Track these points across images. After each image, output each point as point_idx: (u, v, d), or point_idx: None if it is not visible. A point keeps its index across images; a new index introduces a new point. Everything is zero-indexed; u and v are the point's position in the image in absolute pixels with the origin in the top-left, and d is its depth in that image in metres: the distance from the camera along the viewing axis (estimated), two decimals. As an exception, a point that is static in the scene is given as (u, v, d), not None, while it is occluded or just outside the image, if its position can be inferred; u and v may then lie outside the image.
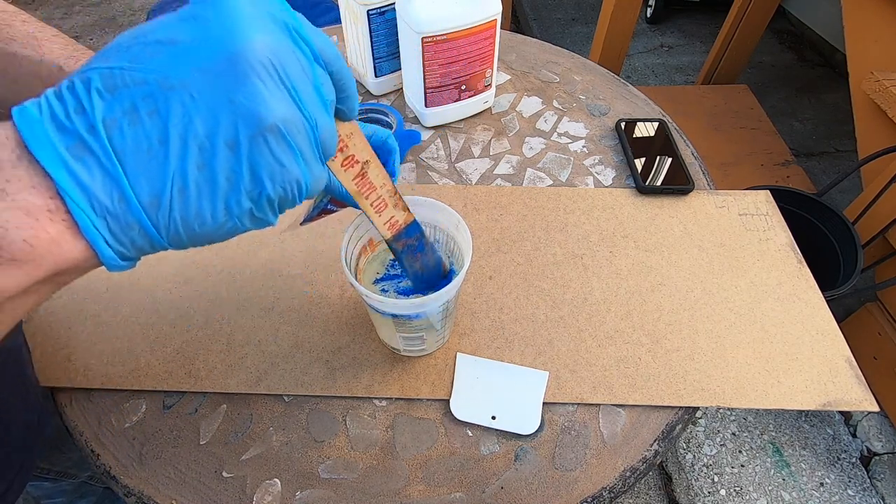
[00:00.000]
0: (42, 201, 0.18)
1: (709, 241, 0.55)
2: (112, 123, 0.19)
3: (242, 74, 0.19)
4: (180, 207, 0.20)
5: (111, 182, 0.19)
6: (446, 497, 0.40)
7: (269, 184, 0.21)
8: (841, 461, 1.09)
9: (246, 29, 0.19)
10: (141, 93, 0.19)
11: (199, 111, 0.19)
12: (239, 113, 0.20)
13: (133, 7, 2.46)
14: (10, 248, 0.18)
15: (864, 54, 1.06)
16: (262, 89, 0.20)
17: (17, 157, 0.18)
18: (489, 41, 0.60)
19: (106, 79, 0.19)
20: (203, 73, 0.19)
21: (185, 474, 0.41)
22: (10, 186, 0.18)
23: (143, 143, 0.19)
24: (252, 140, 0.20)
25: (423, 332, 0.41)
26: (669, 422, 0.43)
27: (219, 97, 0.19)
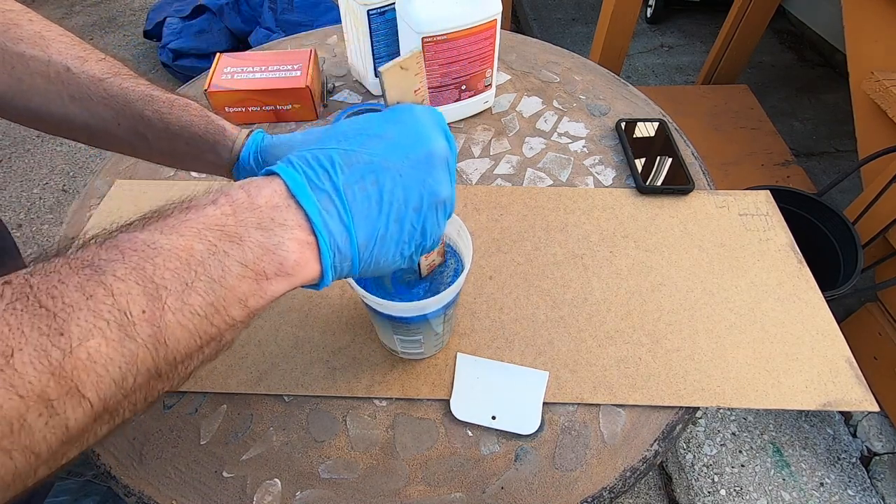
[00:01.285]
0: (304, 236, 0.26)
1: (709, 241, 0.55)
2: (348, 187, 0.27)
3: (433, 166, 0.29)
4: (378, 248, 0.28)
5: (344, 228, 0.27)
6: (446, 497, 0.40)
7: (428, 237, 0.30)
8: (841, 461, 1.09)
9: (432, 134, 0.30)
10: (368, 169, 0.28)
11: (403, 185, 0.28)
12: (427, 190, 0.29)
13: (133, 7, 2.46)
14: (286, 265, 0.25)
15: (864, 54, 1.06)
16: (441, 177, 0.30)
17: (288, 205, 0.26)
18: (489, 41, 0.60)
19: (344, 157, 0.28)
20: (409, 160, 0.28)
21: (185, 474, 0.41)
22: (288, 223, 0.26)
23: (366, 202, 0.27)
24: (429, 208, 0.29)
25: (421, 335, 0.41)
26: (669, 422, 0.43)
27: (417, 178, 0.29)
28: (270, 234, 0.25)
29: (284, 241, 0.25)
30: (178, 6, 1.92)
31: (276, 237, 0.25)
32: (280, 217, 0.25)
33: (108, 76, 0.37)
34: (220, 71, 0.69)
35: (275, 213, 0.25)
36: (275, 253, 0.25)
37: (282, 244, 0.25)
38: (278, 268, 0.25)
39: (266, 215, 0.25)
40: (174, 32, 1.87)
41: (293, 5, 1.82)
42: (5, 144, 1.81)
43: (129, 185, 0.61)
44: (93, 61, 0.37)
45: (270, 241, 0.25)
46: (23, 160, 1.77)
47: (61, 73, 0.36)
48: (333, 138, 0.29)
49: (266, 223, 0.25)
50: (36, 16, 0.38)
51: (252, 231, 0.25)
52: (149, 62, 2.13)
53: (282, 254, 0.25)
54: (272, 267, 0.25)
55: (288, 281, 0.26)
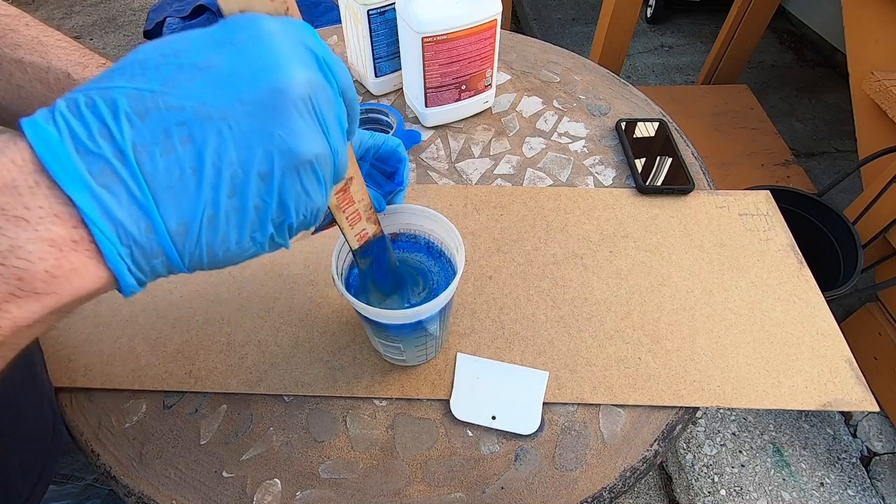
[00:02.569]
0: (65, 231, 0.18)
1: (709, 241, 0.55)
2: (143, 150, 0.18)
3: (284, 110, 0.20)
4: (208, 235, 0.20)
5: (140, 211, 0.19)
6: (446, 497, 0.40)
7: (293, 212, 0.22)
8: (841, 461, 1.09)
9: (286, 62, 0.20)
10: (175, 119, 0.19)
11: (235, 141, 0.19)
12: (276, 147, 0.20)
13: (133, 7, 2.46)
14: (32, 281, 0.17)
15: (865, 54, 1.06)
16: (301, 126, 0.20)
17: (36, 182, 0.17)
18: (489, 41, 0.60)
19: (135, 101, 0.18)
20: (243, 105, 0.19)
21: (185, 474, 0.41)
22: (31, 215, 0.17)
23: (175, 170, 0.19)
24: (285, 172, 0.20)
25: (401, 343, 0.41)
26: (669, 422, 0.43)
27: (258, 130, 0.19)
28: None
29: (22, 243, 0.17)
30: (178, 6, 1.92)
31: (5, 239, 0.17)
32: (16, 205, 0.17)
33: None
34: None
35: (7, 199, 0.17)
36: (4, 264, 0.17)
37: (16, 249, 0.17)
38: (15, 286, 0.17)
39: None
40: (174, 32, 1.87)
41: (293, 5, 1.82)
42: (5, 144, 1.81)
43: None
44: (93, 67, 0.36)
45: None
46: (23, 160, 1.77)
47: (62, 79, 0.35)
48: (125, 71, 0.19)
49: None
50: (33, 20, 0.37)
51: None
52: (149, 62, 2.13)
53: (17, 264, 0.17)
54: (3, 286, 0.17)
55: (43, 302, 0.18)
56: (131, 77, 0.19)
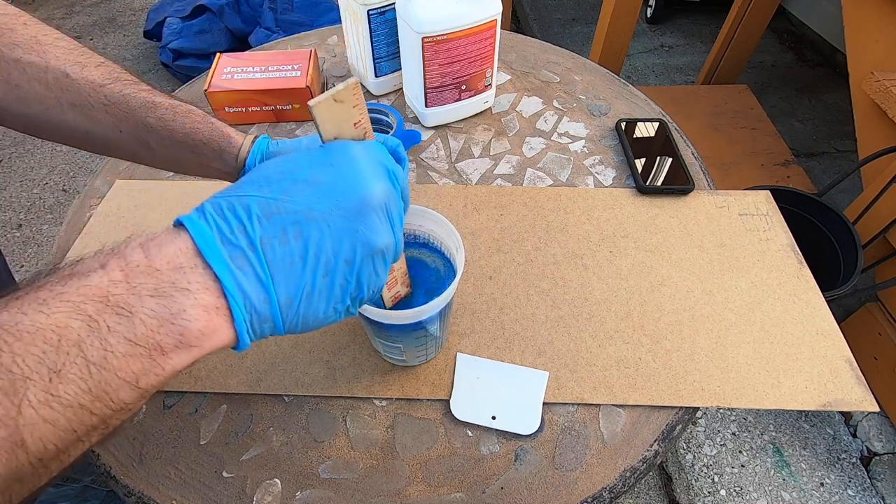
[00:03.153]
0: (212, 300, 0.23)
1: (709, 241, 0.55)
2: (267, 242, 0.24)
3: (367, 214, 0.26)
4: (304, 307, 0.26)
5: (262, 287, 0.24)
6: (446, 497, 0.40)
7: (366, 289, 0.28)
8: (841, 461, 1.09)
9: (369, 179, 0.27)
10: (291, 220, 0.25)
11: (331, 237, 0.26)
12: (359, 240, 0.26)
13: (133, 7, 2.46)
14: (189, 336, 0.23)
15: (865, 54, 1.06)
16: (377, 225, 0.27)
17: (194, 265, 0.23)
18: (489, 41, 0.60)
19: (263, 206, 0.25)
20: (339, 210, 0.26)
21: (185, 474, 0.41)
22: (192, 287, 0.23)
23: (288, 258, 0.25)
24: (364, 259, 0.27)
25: (400, 343, 0.41)
26: (669, 422, 0.43)
27: (348, 228, 0.26)
28: (169, 301, 0.22)
29: (186, 308, 0.22)
30: (178, 6, 1.92)
31: (175, 304, 0.22)
32: (183, 280, 0.23)
33: (108, 82, 0.36)
34: (221, 71, 0.69)
35: (177, 276, 0.23)
36: (173, 323, 0.22)
37: (182, 312, 0.22)
38: (178, 340, 0.22)
39: (166, 279, 0.22)
40: (174, 32, 1.87)
41: (293, 5, 1.82)
42: (5, 144, 1.81)
43: (129, 185, 0.61)
44: (92, 66, 0.37)
45: (168, 310, 0.22)
46: (23, 160, 1.77)
47: (60, 78, 0.35)
48: (254, 184, 0.26)
49: (165, 289, 0.22)
50: (31, 19, 0.37)
51: (146, 300, 0.22)
52: (149, 62, 2.13)
53: (182, 323, 0.22)
54: (170, 339, 0.22)
55: (192, 353, 0.23)
56: (259, 188, 0.25)
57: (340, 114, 0.28)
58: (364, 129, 0.29)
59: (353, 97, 0.28)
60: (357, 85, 0.28)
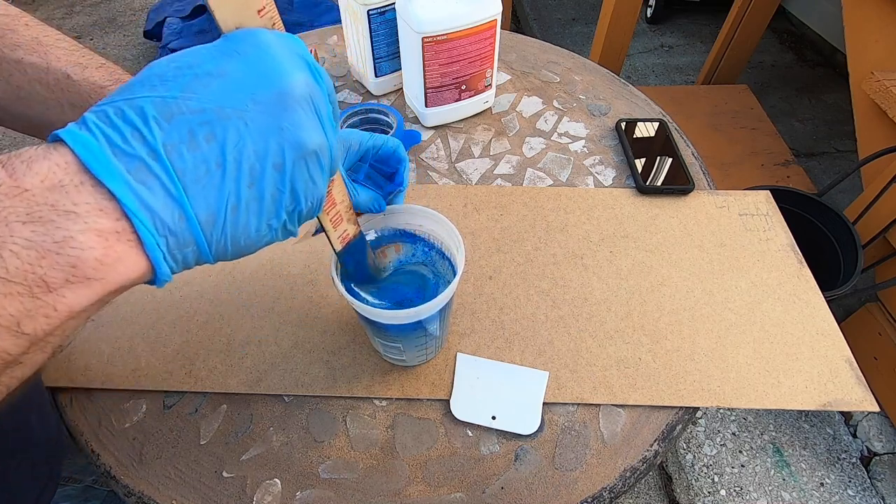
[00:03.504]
0: (110, 223, 0.20)
1: (709, 241, 0.55)
2: (172, 148, 0.20)
3: (290, 107, 0.22)
4: (232, 224, 0.22)
5: (174, 203, 0.21)
6: (446, 497, 0.40)
7: (303, 200, 0.24)
8: (841, 461, 1.09)
9: (288, 67, 0.23)
10: (198, 120, 0.21)
11: (252, 137, 0.22)
12: (286, 139, 0.22)
13: (133, 7, 2.46)
14: (83, 268, 0.19)
15: (865, 54, 1.06)
16: (305, 120, 0.23)
17: (81, 182, 0.19)
18: (489, 41, 0.60)
19: (160, 107, 0.20)
20: (256, 104, 0.22)
21: (185, 474, 0.41)
22: (79, 209, 0.19)
23: (202, 166, 0.21)
24: (295, 162, 0.23)
25: (400, 343, 0.41)
26: (669, 422, 0.43)
27: (270, 126, 0.22)
28: (50, 228, 0.19)
29: (73, 234, 0.19)
30: (178, 6, 1.92)
31: (59, 231, 0.19)
32: (65, 201, 0.19)
33: (109, 84, 0.36)
34: (220, 71, 0.68)
35: (57, 197, 0.19)
36: (59, 253, 0.19)
37: (69, 240, 0.19)
38: (70, 273, 0.19)
39: (42, 201, 0.19)
40: (174, 32, 1.87)
41: (293, 5, 1.82)
42: (5, 144, 1.81)
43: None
44: (93, 68, 0.37)
45: (50, 238, 0.18)
46: (23, 160, 1.77)
47: (61, 80, 0.35)
48: (145, 84, 0.21)
49: (42, 212, 0.19)
50: (32, 20, 0.37)
51: (16, 227, 0.18)
52: (149, 62, 2.13)
53: (71, 252, 0.19)
54: (58, 273, 0.19)
55: (94, 288, 0.20)
56: (152, 88, 0.21)
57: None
58: (272, 19, 0.25)
59: None
60: None
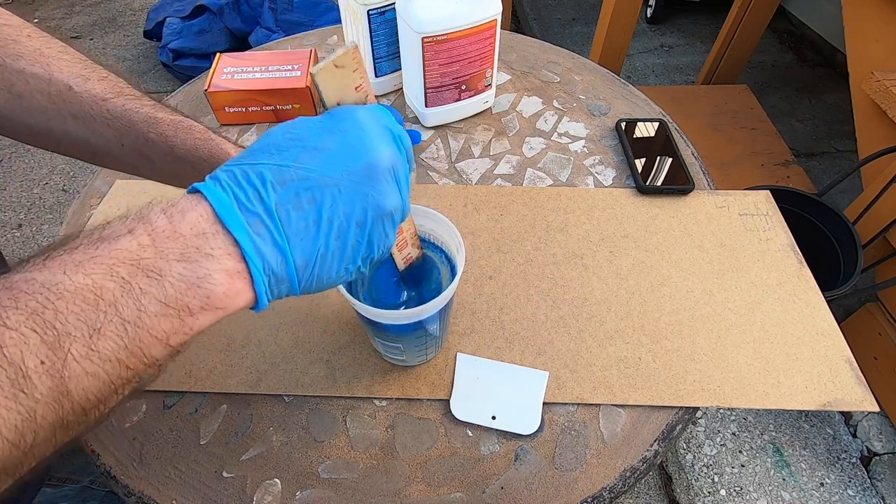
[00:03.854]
0: (234, 265, 0.24)
1: (709, 241, 0.55)
2: (282, 207, 0.25)
3: (375, 178, 0.27)
4: (319, 268, 0.27)
5: (279, 251, 0.25)
6: (446, 497, 0.40)
7: (376, 249, 0.29)
8: (841, 461, 1.09)
9: (375, 143, 0.28)
10: (304, 186, 0.26)
11: (343, 201, 0.27)
12: (370, 203, 0.27)
13: (133, 7, 2.46)
14: (215, 298, 0.24)
15: (865, 54, 1.06)
16: (386, 188, 0.28)
17: (216, 231, 0.24)
18: (489, 41, 0.60)
19: (276, 173, 0.26)
20: (349, 175, 0.27)
21: (185, 474, 0.41)
22: (215, 252, 0.24)
23: (302, 223, 0.26)
24: (374, 221, 0.28)
25: (400, 343, 0.41)
26: (669, 422, 0.43)
27: (358, 192, 0.27)
28: (195, 266, 0.23)
29: (211, 272, 0.24)
30: (178, 6, 1.92)
31: (201, 269, 0.24)
32: (206, 246, 0.24)
33: (111, 96, 0.37)
34: (220, 71, 0.69)
35: (200, 242, 0.24)
36: (200, 287, 0.24)
37: (208, 276, 0.24)
38: (205, 302, 0.24)
39: (190, 244, 0.24)
40: (174, 32, 1.87)
41: (293, 5, 1.82)
42: (5, 144, 1.81)
43: (129, 185, 0.61)
44: (95, 80, 0.37)
45: (195, 274, 0.23)
46: (23, 160, 1.77)
47: (63, 91, 0.36)
48: (265, 152, 0.27)
49: (190, 253, 0.24)
50: (35, 30, 0.37)
51: (174, 264, 0.23)
52: (149, 62, 2.13)
53: (208, 287, 0.24)
54: (197, 301, 0.24)
55: (216, 314, 0.25)
56: (270, 156, 0.26)
57: (342, 79, 0.28)
58: (366, 93, 0.30)
59: (353, 61, 0.28)
60: (356, 49, 0.28)
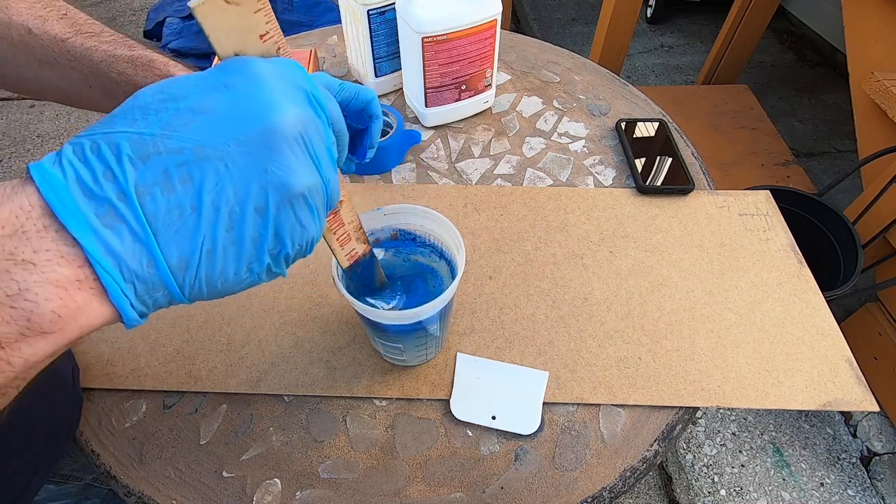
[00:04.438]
0: (71, 271, 0.18)
1: (709, 241, 0.55)
2: (144, 190, 0.19)
3: (276, 147, 0.21)
4: (207, 268, 0.21)
5: (142, 248, 0.19)
6: (446, 497, 0.40)
7: (289, 243, 0.23)
8: (841, 461, 1.09)
9: (278, 102, 0.21)
10: (175, 161, 0.19)
11: (232, 179, 0.20)
12: (270, 182, 0.21)
13: (133, 7, 2.46)
14: (40, 321, 0.18)
15: (865, 54, 1.06)
16: (293, 161, 0.21)
17: (44, 227, 0.18)
18: (489, 41, 0.60)
19: (137, 145, 0.19)
20: (239, 145, 0.20)
21: (185, 474, 0.41)
22: (38, 258, 0.18)
23: (175, 210, 0.20)
24: (280, 206, 0.21)
25: (400, 343, 0.41)
26: (669, 422, 0.43)
27: (253, 167, 0.20)
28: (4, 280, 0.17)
29: (29, 286, 0.18)
30: (179, 6, 1.92)
31: (13, 284, 0.17)
32: (25, 249, 0.18)
33: (69, 35, 0.34)
34: (220, 71, 0.68)
35: (17, 244, 0.18)
36: (13, 307, 0.18)
37: (24, 292, 0.18)
38: (24, 327, 0.18)
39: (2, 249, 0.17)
40: (174, 32, 1.87)
41: (293, 5, 1.82)
42: (5, 144, 1.81)
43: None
44: (54, 20, 0.35)
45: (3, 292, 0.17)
46: (23, 160, 1.77)
47: (23, 35, 0.34)
48: (127, 116, 0.20)
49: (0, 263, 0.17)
50: None
51: None
52: (149, 62, 2.13)
53: (25, 307, 0.18)
54: (11, 328, 0.18)
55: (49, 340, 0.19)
56: (132, 122, 0.20)
57: (237, 21, 0.22)
58: (275, 44, 0.23)
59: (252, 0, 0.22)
60: None
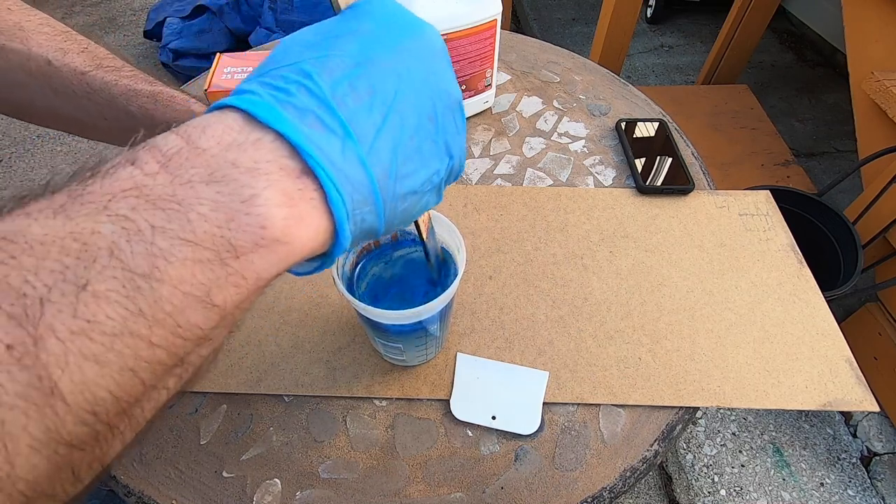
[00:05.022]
0: (291, 182, 0.17)
1: (709, 241, 0.55)
2: (339, 101, 0.18)
3: (435, 58, 0.21)
4: (401, 180, 0.20)
5: (352, 154, 0.18)
6: (446, 497, 0.40)
7: (455, 152, 0.23)
8: (841, 461, 1.09)
9: (419, 21, 0.22)
10: (356, 73, 0.19)
11: (408, 88, 0.20)
12: (435, 90, 0.21)
13: (133, 7, 2.46)
14: (272, 228, 0.16)
15: (865, 54, 1.06)
16: (448, 71, 0.22)
17: (258, 139, 0.17)
18: (489, 41, 0.60)
19: (317, 65, 0.19)
20: (402, 55, 0.20)
21: (185, 474, 0.41)
22: (261, 166, 0.17)
23: (367, 118, 0.19)
24: (444, 113, 0.22)
25: (400, 343, 0.41)
26: (669, 422, 0.43)
27: (421, 77, 0.21)
28: (235, 187, 0.16)
29: (259, 191, 0.16)
30: (178, 6, 1.92)
31: (245, 189, 0.16)
32: (245, 159, 0.17)
33: (89, 69, 0.35)
34: (221, 71, 0.68)
35: (237, 154, 0.17)
36: (248, 213, 0.16)
37: (256, 197, 0.16)
38: (258, 235, 0.16)
39: (222, 160, 0.16)
40: (174, 32, 1.87)
41: (293, 5, 1.82)
42: (5, 144, 1.81)
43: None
44: (74, 53, 0.36)
45: (237, 197, 0.16)
46: (23, 160, 1.77)
47: (42, 66, 0.35)
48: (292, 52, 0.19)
49: (225, 171, 0.16)
50: (15, 3, 0.37)
51: (200, 188, 0.16)
52: (149, 62, 2.13)
53: (261, 211, 0.16)
54: (247, 235, 0.16)
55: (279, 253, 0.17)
56: (301, 52, 0.19)
57: None
58: None
59: None
60: None
